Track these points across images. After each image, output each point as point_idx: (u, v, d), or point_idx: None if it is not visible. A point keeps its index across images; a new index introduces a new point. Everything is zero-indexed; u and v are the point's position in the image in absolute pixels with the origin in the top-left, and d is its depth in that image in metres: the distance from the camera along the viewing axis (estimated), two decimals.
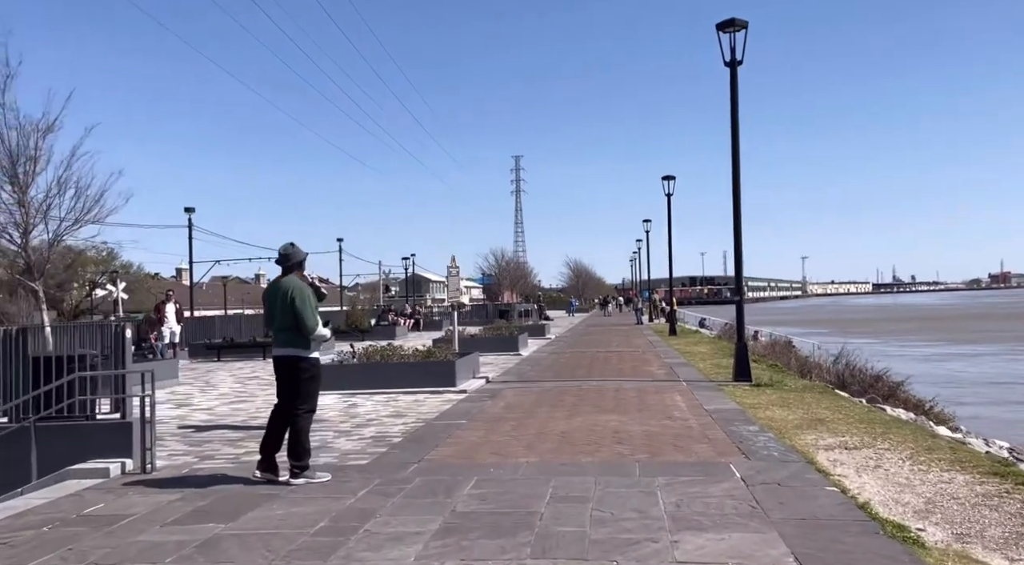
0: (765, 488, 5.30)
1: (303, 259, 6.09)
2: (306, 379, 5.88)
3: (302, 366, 5.86)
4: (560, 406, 9.81)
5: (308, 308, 5.81)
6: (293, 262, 6.02)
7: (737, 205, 12.40)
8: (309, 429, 5.97)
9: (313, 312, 5.84)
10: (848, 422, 8.11)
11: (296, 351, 5.86)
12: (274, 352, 6.00)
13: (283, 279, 5.97)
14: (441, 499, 5.26)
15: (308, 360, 5.88)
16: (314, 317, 5.83)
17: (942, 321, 63.48)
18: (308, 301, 5.84)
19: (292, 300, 5.80)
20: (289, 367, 5.90)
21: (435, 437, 7.73)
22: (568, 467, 6.18)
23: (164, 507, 5.25)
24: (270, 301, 5.97)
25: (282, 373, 5.94)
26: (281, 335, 5.90)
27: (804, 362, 17.18)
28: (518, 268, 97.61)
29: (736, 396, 10.34)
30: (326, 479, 5.86)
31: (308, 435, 5.92)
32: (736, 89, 12.24)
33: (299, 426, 5.84)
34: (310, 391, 5.93)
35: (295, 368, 5.87)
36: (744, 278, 12.74)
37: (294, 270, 6.02)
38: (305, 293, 5.87)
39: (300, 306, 5.80)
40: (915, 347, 36.17)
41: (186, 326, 21.13)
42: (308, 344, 5.86)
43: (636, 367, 15.26)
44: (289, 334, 5.86)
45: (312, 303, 5.88)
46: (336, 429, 8.47)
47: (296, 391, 5.88)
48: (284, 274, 6.01)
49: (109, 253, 44.50)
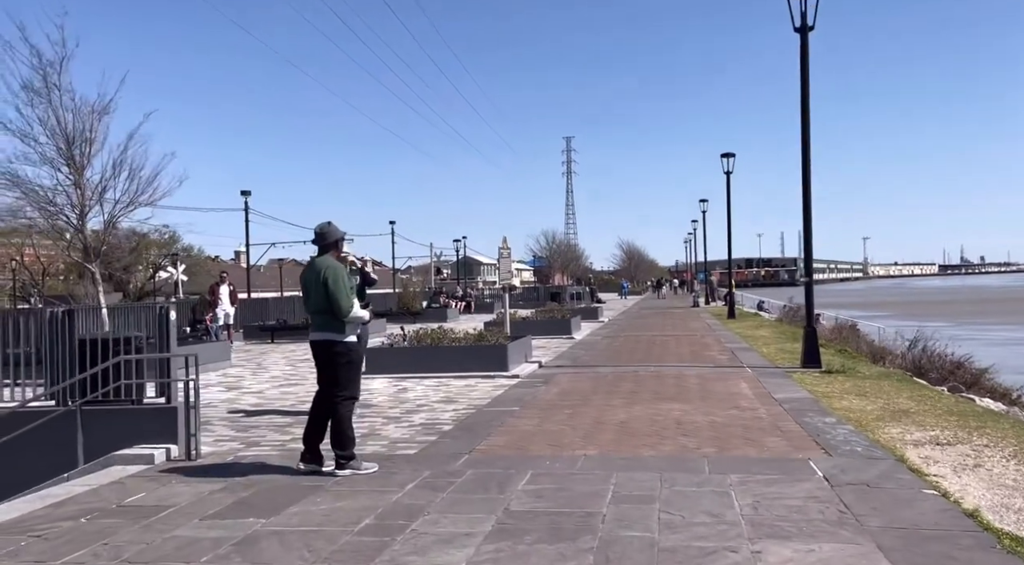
0: (853, 490, 4.77)
1: (339, 239, 5.77)
2: (343, 364, 5.56)
3: (338, 350, 5.54)
4: (617, 393, 9.34)
5: (342, 289, 5.48)
6: (328, 241, 5.71)
7: (807, 182, 11.64)
8: (351, 416, 5.66)
9: (347, 293, 5.52)
10: (936, 414, 7.44)
11: (331, 335, 5.54)
12: (310, 336, 5.70)
13: (318, 260, 5.67)
14: (494, 495, 4.89)
15: (344, 344, 5.55)
16: (348, 299, 5.50)
17: (1016, 303, 60.39)
18: (342, 282, 5.51)
19: (325, 281, 5.48)
20: (325, 351, 5.59)
21: (487, 425, 7.38)
22: (630, 461, 5.74)
23: (205, 498, 5.01)
24: (305, 283, 5.67)
25: (319, 358, 5.65)
26: (317, 318, 5.60)
27: (875, 347, 16.26)
28: (569, 250, 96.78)
29: (806, 384, 9.70)
30: (373, 470, 5.56)
31: (351, 423, 5.61)
32: (807, 57, 11.45)
33: (340, 414, 5.53)
34: (349, 377, 5.61)
35: (331, 352, 5.56)
36: (801, 260, 12.00)
37: (330, 250, 5.72)
38: (339, 273, 5.54)
39: (333, 287, 5.47)
40: (991, 331, 34.34)
41: (241, 308, 21.30)
42: (343, 327, 5.53)
43: (695, 352, 14.66)
44: (324, 317, 5.55)
45: (346, 283, 5.55)
46: (385, 415, 8.20)
47: (334, 377, 5.58)
48: (320, 254, 5.71)
49: (171, 236, 45.71)
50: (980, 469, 5.34)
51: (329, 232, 5.73)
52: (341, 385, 5.57)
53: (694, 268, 66.88)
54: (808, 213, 11.70)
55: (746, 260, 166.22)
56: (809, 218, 11.71)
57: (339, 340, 5.53)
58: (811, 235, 11.80)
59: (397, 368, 11.33)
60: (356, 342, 5.68)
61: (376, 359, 11.59)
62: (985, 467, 5.38)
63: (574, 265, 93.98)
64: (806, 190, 11.69)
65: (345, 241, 6.13)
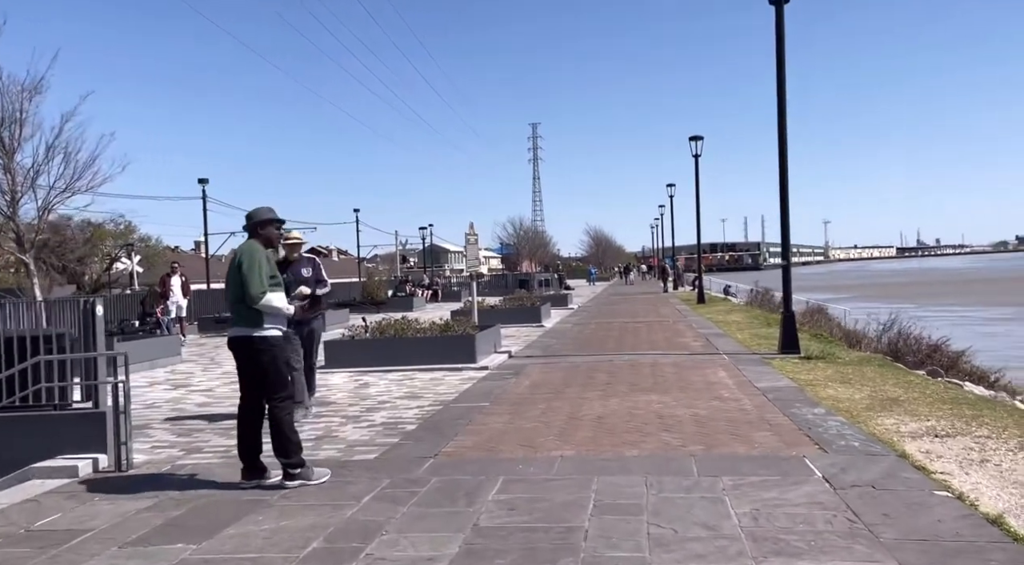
0: (859, 493, 4.31)
1: (263, 220, 5.07)
2: (267, 362, 4.86)
3: (258, 347, 4.86)
4: (592, 384, 8.85)
5: (255, 272, 4.80)
6: (252, 223, 5.06)
7: (784, 165, 11.22)
8: (292, 419, 5.01)
9: (262, 278, 4.81)
10: (927, 403, 7.07)
11: (248, 329, 4.86)
12: (228, 333, 5.03)
13: (240, 245, 5.03)
14: (461, 508, 4.34)
15: (264, 339, 4.85)
16: (261, 283, 4.79)
17: (972, 284, 61.61)
18: (257, 265, 4.83)
19: (240, 264, 4.85)
20: (243, 349, 4.91)
21: (454, 424, 6.81)
22: (611, 463, 5.22)
23: (129, 518, 4.38)
24: (227, 273, 5.02)
25: (239, 358, 4.96)
26: (233, 311, 4.95)
27: (848, 331, 16.05)
28: (537, 237, 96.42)
29: (787, 371, 9.31)
30: (325, 479, 4.95)
31: (293, 426, 4.95)
32: (783, 29, 10.99)
33: (278, 418, 4.88)
34: (278, 375, 4.91)
35: (250, 349, 4.89)
36: (766, 244, 11.61)
37: (255, 233, 5.07)
38: (255, 256, 4.88)
39: (247, 270, 4.82)
40: (953, 311, 34.73)
41: (196, 299, 20.38)
42: (261, 319, 4.85)
43: (669, 338, 14.25)
44: (240, 309, 4.88)
45: (264, 268, 4.84)
46: (343, 414, 7.58)
47: (261, 379, 4.92)
48: (248, 239, 5.07)
49: (127, 226, 44.15)
50: (987, 464, 4.94)
51: (253, 213, 5.09)
52: (271, 386, 4.91)
53: (661, 253, 66.87)
54: (785, 197, 11.30)
55: (711, 245, 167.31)
56: (786, 202, 11.31)
57: (257, 334, 4.85)
58: (788, 220, 11.41)
59: (358, 361, 10.70)
60: (281, 337, 4.97)
61: (336, 352, 10.95)
62: (992, 462, 4.98)
63: (542, 252, 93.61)
64: (783, 174, 11.28)
65: (283, 229, 5.49)
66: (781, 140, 11.20)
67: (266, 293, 4.81)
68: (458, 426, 6.70)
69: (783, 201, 11.33)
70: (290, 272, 7.02)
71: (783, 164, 11.24)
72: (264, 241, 5.06)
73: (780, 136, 11.19)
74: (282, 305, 4.93)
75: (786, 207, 11.33)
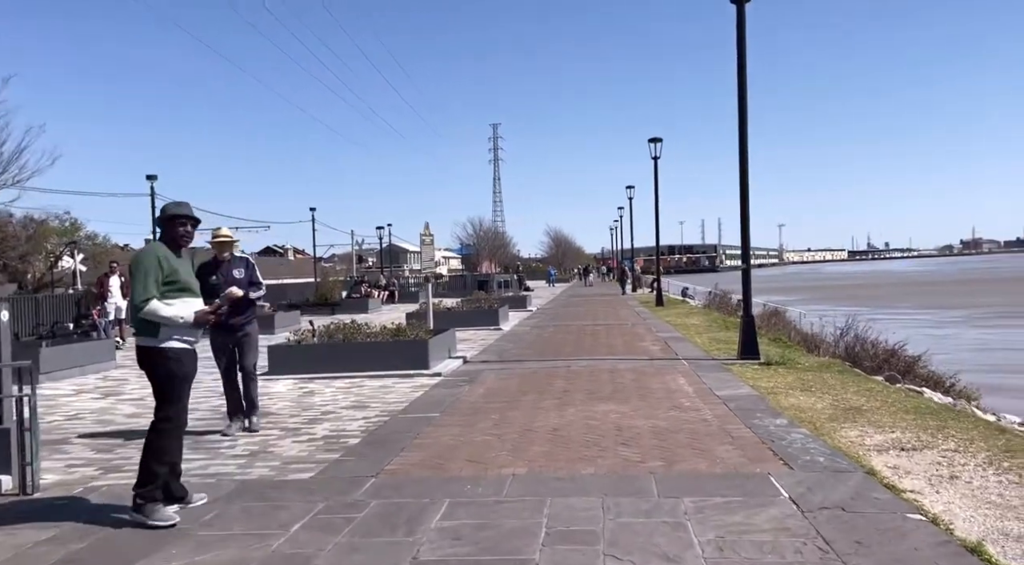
0: (828, 516, 4.03)
1: (168, 216, 4.52)
2: (161, 376, 4.40)
3: (153, 360, 4.39)
4: (548, 392, 8.50)
5: (140, 278, 4.32)
6: (161, 218, 4.55)
7: (744, 167, 11.05)
8: (168, 448, 4.42)
9: (147, 284, 4.29)
10: (890, 412, 6.89)
11: (145, 340, 4.41)
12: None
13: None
14: (401, 537, 3.94)
15: (160, 351, 4.36)
16: (147, 289, 4.28)
17: (921, 286, 63.17)
18: (143, 267, 4.34)
19: (135, 267, 4.39)
20: (141, 360, 4.46)
21: (401, 437, 6.39)
22: (565, 482, 4.87)
23: (24, 554, 3.87)
24: None
25: (142, 369, 4.50)
26: (133, 319, 4.48)
27: (807, 335, 16.02)
28: (497, 237, 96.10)
29: (748, 378, 9.10)
30: (171, 523, 4.20)
31: (161, 454, 4.36)
32: (744, 29, 10.82)
33: (148, 439, 4.41)
34: (166, 392, 4.42)
35: (146, 361, 4.43)
36: (723, 246, 11.45)
37: (165, 233, 4.58)
38: (144, 260, 4.39)
39: (134, 272, 4.36)
40: (905, 314, 35.39)
41: None
42: (157, 329, 4.37)
43: (628, 342, 14.00)
44: (137, 316, 4.42)
45: (152, 273, 4.31)
46: (283, 426, 7.10)
47: (154, 392, 4.46)
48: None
49: (73, 223, 42.60)
50: (958, 481, 4.72)
51: (163, 209, 4.57)
52: (157, 402, 4.45)
53: (620, 255, 67.08)
54: (745, 200, 11.13)
55: (669, 247, 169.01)
56: (746, 205, 11.15)
57: (153, 345, 4.38)
58: (748, 222, 11.25)
59: (304, 368, 10.19)
60: (181, 350, 4.44)
61: (280, 358, 10.41)
62: (963, 479, 4.76)
63: (502, 252, 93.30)
64: (743, 175, 11.10)
65: (213, 228, 5.00)
66: (742, 140, 11.02)
67: (151, 300, 4.30)
68: (405, 440, 6.28)
69: (743, 205, 11.16)
70: (220, 274, 6.52)
71: (743, 167, 11.06)
72: (168, 240, 4.56)
73: (741, 136, 11.01)
74: (172, 314, 4.34)
75: (746, 211, 11.16)
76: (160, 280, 4.34)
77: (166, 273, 4.36)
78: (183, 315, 4.36)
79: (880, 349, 12.72)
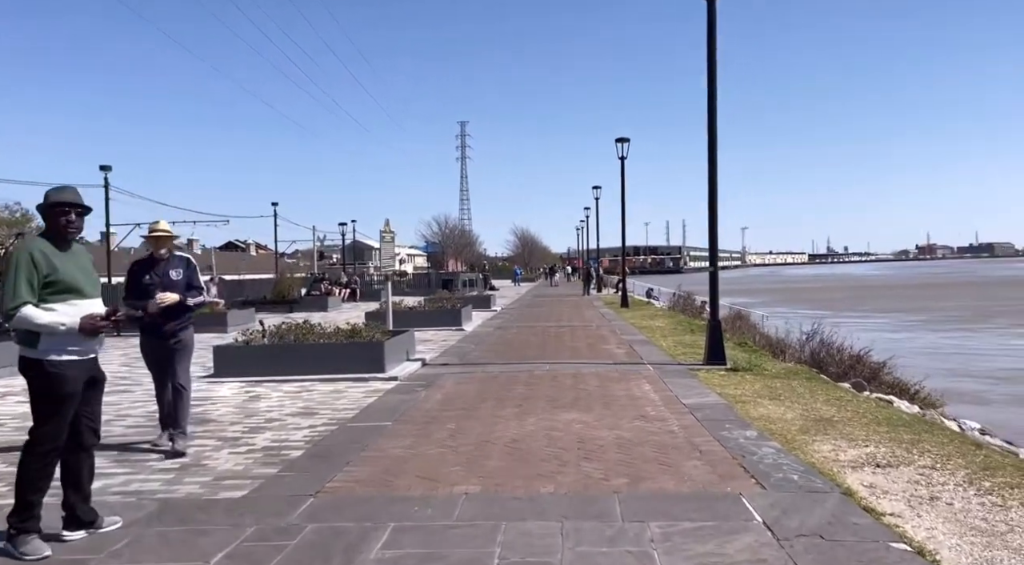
0: (806, 545, 3.70)
1: (49, 204, 3.94)
2: (36, 389, 3.87)
3: (31, 372, 3.86)
4: (508, 399, 8.11)
5: (10, 278, 3.77)
6: (43, 208, 3.95)
7: (713, 167, 10.77)
8: (44, 472, 3.87)
9: (17, 286, 3.74)
10: (862, 424, 6.64)
11: (23, 349, 3.87)
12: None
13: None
14: None
15: (37, 362, 3.82)
16: (15, 293, 3.74)
17: (880, 290, 64.30)
18: (15, 268, 3.80)
19: (3, 273, 3.90)
20: (23, 372, 3.93)
21: (347, 449, 5.94)
22: (523, 503, 4.48)
23: None
24: None
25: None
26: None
27: (772, 339, 15.89)
28: (463, 236, 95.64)
29: (715, 384, 8.82)
30: (43, 556, 3.73)
31: (37, 482, 3.85)
32: (715, 26, 10.55)
33: (21, 461, 3.88)
34: (41, 410, 3.87)
35: (24, 372, 3.91)
36: (687, 248, 11.20)
37: (47, 225, 4.03)
38: (18, 257, 3.84)
39: (4, 276, 3.84)
40: (868, 318, 35.80)
41: None
42: (36, 338, 3.82)
43: (592, 345, 13.68)
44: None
45: (24, 274, 3.75)
46: (221, 435, 6.59)
47: (31, 407, 3.92)
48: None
49: (24, 214, 41.12)
50: (938, 502, 4.44)
51: (45, 196, 3.97)
52: (34, 420, 3.90)
53: (586, 255, 67.04)
54: (713, 202, 10.88)
55: (634, 248, 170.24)
56: (714, 207, 10.89)
57: (30, 357, 3.84)
58: (716, 224, 10.99)
59: (252, 370, 9.65)
60: (65, 363, 3.85)
61: (227, 360, 9.86)
62: (943, 500, 4.49)
63: (468, 251, 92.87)
64: (712, 176, 10.84)
65: (150, 221, 4.51)
66: (711, 151, 10.75)
67: (23, 306, 3.75)
68: (351, 452, 5.83)
69: (711, 208, 10.90)
70: (154, 273, 5.97)
71: (712, 168, 10.80)
72: (51, 233, 4.00)
73: (710, 148, 10.74)
74: (49, 321, 3.77)
75: (714, 213, 10.91)
76: (37, 282, 3.81)
77: (44, 272, 3.82)
78: (64, 322, 3.82)
79: (846, 355, 12.59)
